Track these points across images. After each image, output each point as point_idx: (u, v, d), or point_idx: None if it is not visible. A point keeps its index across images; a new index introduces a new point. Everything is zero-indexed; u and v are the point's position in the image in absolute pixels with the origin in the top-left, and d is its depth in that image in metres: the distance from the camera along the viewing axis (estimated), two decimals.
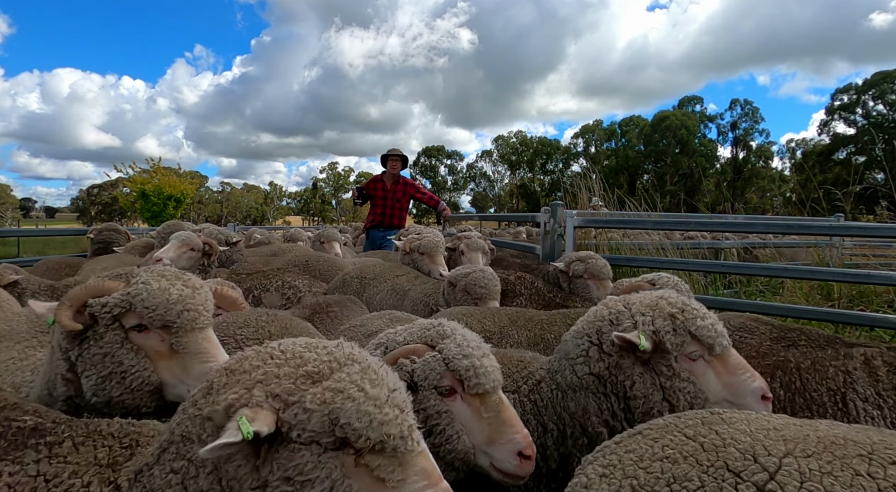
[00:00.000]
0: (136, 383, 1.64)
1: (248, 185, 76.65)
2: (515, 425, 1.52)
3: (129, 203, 21.50)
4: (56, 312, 1.62)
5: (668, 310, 1.76)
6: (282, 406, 1.06)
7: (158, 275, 1.74)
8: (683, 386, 1.69)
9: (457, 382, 1.54)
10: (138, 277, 1.72)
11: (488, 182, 72.38)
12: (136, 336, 1.67)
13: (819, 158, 49.30)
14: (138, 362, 1.65)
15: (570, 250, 5.53)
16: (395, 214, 7.36)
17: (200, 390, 1.16)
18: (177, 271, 1.81)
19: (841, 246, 7.57)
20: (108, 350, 1.64)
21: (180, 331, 1.66)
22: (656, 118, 60.76)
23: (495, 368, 1.58)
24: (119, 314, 1.66)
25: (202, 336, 1.70)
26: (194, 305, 1.70)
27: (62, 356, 1.67)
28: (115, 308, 1.65)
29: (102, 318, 1.65)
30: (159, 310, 1.65)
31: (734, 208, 21.19)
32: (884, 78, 47.13)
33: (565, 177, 51.55)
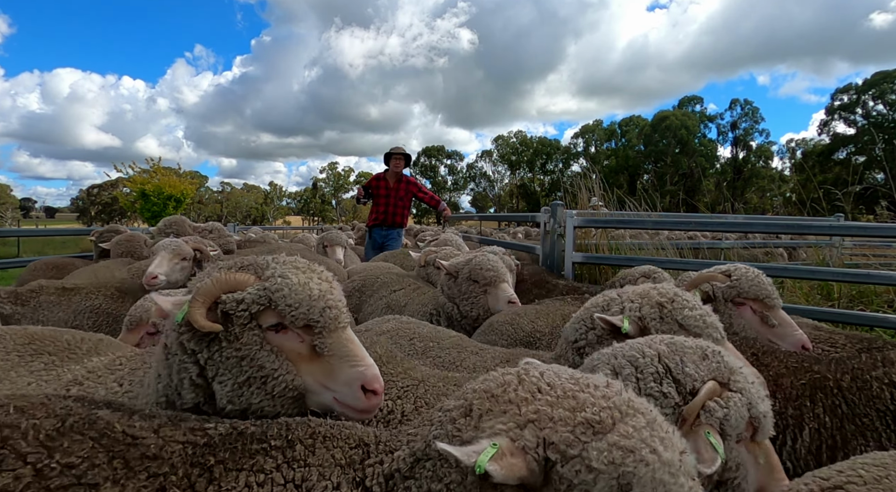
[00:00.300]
0: (280, 388, 1.45)
1: (248, 185, 76.67)
2: (777, 470, 1.36)
3: (129, 203, 21.50)
4: (189, 309, 1.44)
5: (656, 299, 1.87)
6: (558, 458, 0.93)
7: (293, 266, 1.55)
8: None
9: (750, 427, 1.34)
10: (272, 270, 1.52)
11: (488, 182, 72.39)
12: (274, 337, 1.48)
13: (819, 158, 49.30)
14: (281, 366, 1.45)
15: (571, 250, 5.53)
16: (397, 212, 7.36)
17: (457, 407, 1.06)
18: (306, 262, 1.62)
19: (841, 246, 7.57)
20: (246, 352, 1.45)
21: (324, 331, 1.47)
22: (656, 118, 60.75)
23: None
24: (256, 312, 1.46)
25: (345, 337, 1.51)
26: (335, 302, 1.52)
27: (190, 360, 1.48)
28: (253, 305, 1.45)
29: (238, 316, 1.46)
30: (302, 307, 1.45)
31: (734, 208, 21.19)
32: (884, 78, 47.12)
33: (565, 177, 51.55)
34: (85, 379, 1.80)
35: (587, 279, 6.19)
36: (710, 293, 2.71)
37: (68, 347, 1.97)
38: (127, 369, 1.84)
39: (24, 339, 1.96)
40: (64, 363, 1.89)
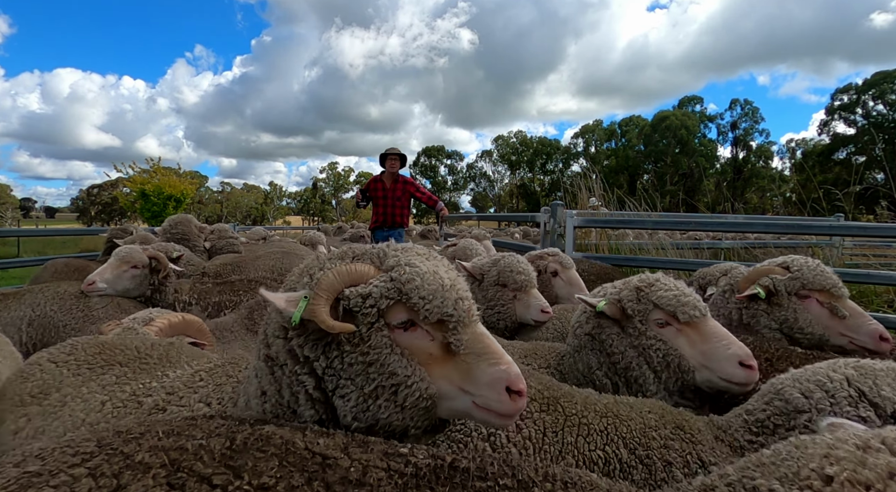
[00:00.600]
0: (413, 398, 1.23)
1: (248, 185, 76.65)
2: None
3: (129, 203, 21.49)
4: (311, 307, 1.21)
5: (636, 284, 2.06)
6: None
7: (416, 253, 1.36)
8: (652, 344, 1.96)
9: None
10: (394, 258, 1.32)
11: (488, 182, 72.39)
12: (402, 336, 1.27)
13: (819, 158, 49.28)
14: (413, 371, 1.24)
15: (571, 250, 5.53)
16: (396, 212, 7.38)
17: None
18: (424, 248, 1.43)
19: (841, 246, 7.57)
20: (375, 357, 1.23)
21: (458, 326, 1.26)
22: (656, 118, 60.75)
23: None
24: (385, 308, 1.25)
25: (479, 331, 1.31)
26: (465, 292, 1.33)
27: (304, 370, 1.27)
28: (382, 300, 1.24)
29: (365, 314, 1.24)
30: (436, 300, 1.24)
31: (734, 208, 21.19)
32: (884, 78, 47.11)
33: (565, 177, 51.55)
34: (167, 404, 1.58)
35: None
36: (772, 288, 2.53)
37: (139, 356, 1.82)
38: (211, 386, 1.62)
39: (94, 349, 1.83)
40: (137, 375, 1.73)
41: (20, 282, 9.53)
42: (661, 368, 1.92)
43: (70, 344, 1.88)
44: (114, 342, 1.89)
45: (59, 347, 1.87)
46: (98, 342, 1.87)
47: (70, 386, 1.67)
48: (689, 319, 1.91)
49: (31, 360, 1.82)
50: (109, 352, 1.81)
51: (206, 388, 1.62)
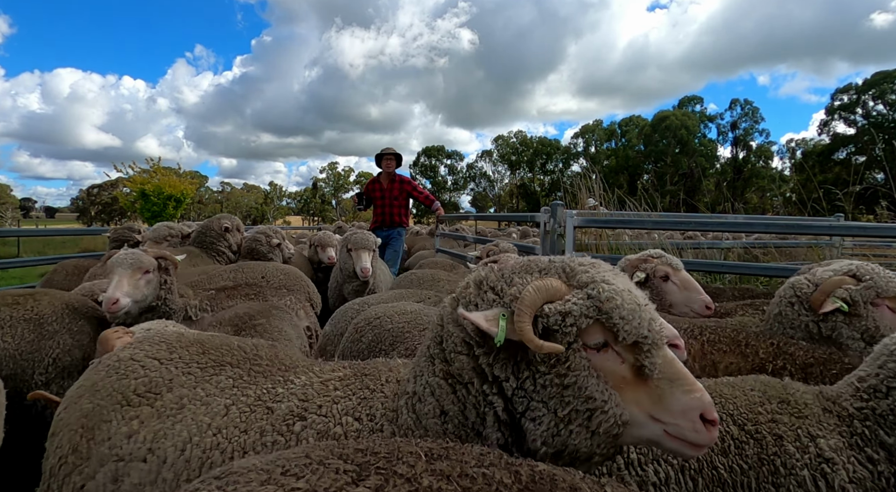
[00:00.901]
0: (606, 424, 1.16)
1: (248, 185, 76.63)
2: None
3: (129, 203, 21.49)
4: (518, 326, 1.15)
5: None
6: None
7: (605, 269, 1.29)
8: None
9: None
10: (585, 273, 1.25)
11: (488, 182, 72.36)
12: (596, 357, 1.21)
13: (819, 158, 49.28)
14: (610, 395, 1.17)
15: (570, 250, 5.53)
16: (394, 212, 7.39)
17: None
18: (608, 264, 1.36)
19: (841, 246, 7.57)
20: (572, 379, 1.17)
21: (653, 348, 1.20)
22: (656, 118, 60.73)
23: None
24: (585, 328, 1.19)
25: (669, 355, 1.24)
26: (655, 312, 1.27)
27: (493, 390, 1.21)
28: (582, 319, 1.18)
29: (565, 333, 1.18)
30: (634, 320, 1.19)
31: (734, 208, 21.17)
32: (884, 78, 47.10)
33: (565, 177, 51.52)
34: (305, 412, 1.47)
35: None
36: (848, 299, 2.45)
37: (247, 357, 1.70)
38: (355, 400, 1.50)
39: (196, 347, 1.72)
40: (254, 379, 1.61)
41: (20, 282, 9.52)
42: None
43: (162, 341, 1.76)
44: (214, 341, 1.79)
45: (150, 343, 1.75)
46: (196, 340, 1.78)
47: (184, 387, 1.56)
48: None
49: (122, 355, 1.69)
50: (215, 351, 1.71)
51: (349, 400, 1.50)
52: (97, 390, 1.60)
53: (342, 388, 1.55)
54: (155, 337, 1.81)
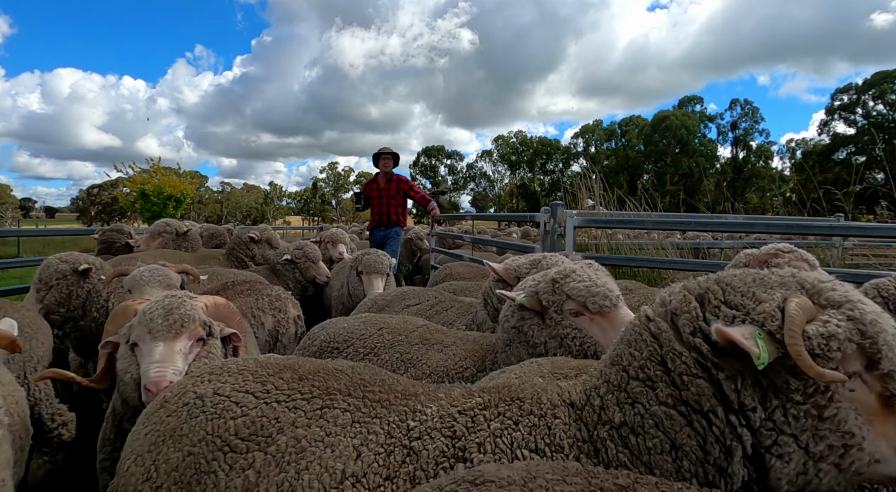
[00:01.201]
0: (859, 463, 1.05)
1: (248, 185, 76.60)
2: None
3: (129, 203, 21.50)
4: (791, 348, 1.02)
5: (552, 276, 2.15)
6: None
7: (851, 287, 1.20)
8: (568, 333, 2.04)
9: None
10: (838, 291, 1.13)
11: (488, 182, 72.37)
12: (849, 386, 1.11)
13: (819, 158, 49.28)
14: (867, 431, 1.06)
15: (571, 250, 5.53)
16: (391, 211, 7.42)
17: None
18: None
19: (841, 246, 7.57)
20: (832, 412, 1.05)
21: None
22: (656, 118, 60.73)
23: None
24: (848, 353, 1.06)
25: None
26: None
27: (741, 421, 1.08)
28: (847, 344, 1.05)
29: (830, 358, 1.05)
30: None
31: (734, 208, 21.19)
32: (884, 78, 47.10)
33: (565, 177, 51.54)
34: (464, 452, 1.23)
35: None
36: None
37: (354, 382, 1.46)
38: (523, 429, 1.27)
39: (289, 374, 1.47)
40: (373, 410, 1.37)
41: (20, 282, 9.51)
42: (580, 355, 1.99)
43: (242, 369, 1.51)
44: (303, 364, 1.54)
45: (229, 373, 1.49)
46: (282, 364, 1.53)
47: (296, 426, 1.32)
48: (601, 310, 2.00)
49: (199, 391, 1.43)
50: (313, 377, 1.46)
51: (515, 431, 1.25)
52: (182, 436, 1.34)
53: (495, 417, 1.30)
54: (228, 366, 1.55)
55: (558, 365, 1.80)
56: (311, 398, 1.39)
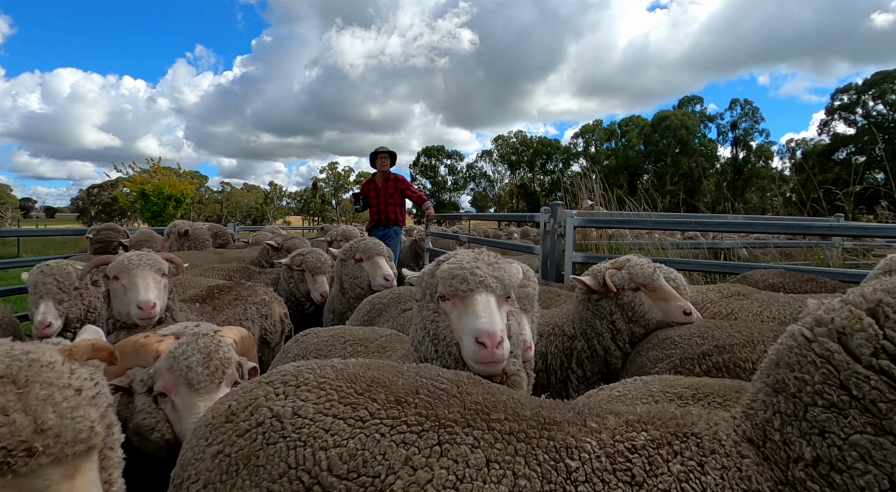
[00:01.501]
0: None
1: (248, 185, 76.59)
2: None
3: (129, 203, 21.50)
4: None
5: (619, 264, 2.91)
6: None
7: None
8: (633, 306, 2.80)
9: None
10: None
11: (488, 182, 72.35)
12: None
13: (819, 158, 49.26)
14: None
15: (571, 250, 5.53)
16: (389, 210, 7.44)
17: None
18: None
19: (841, 246, 7.56)
20: None
21: None
22: (656, 118, 60.72)
23: None
24: None
25: None
26: None
27: None
28: None
29: None
30: None
31: (734, 208, 21.20)
32: (884, 78, 47.09)
33: (565, 177, 51.54)
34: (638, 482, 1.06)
35: None
36: None
37: (465, 402, 1.22)
38: (714, 474, 1.06)
39: (383, 394, 1.23)
40: (510, 445, 1.12)
41: (20, 282, 9.50)
42: (639, 324, 2.83)
43: (321, 382, 1.26)
44: (399, 381, 1.28)
45: (306, 387, 1.25)
46: (375, 380, 1.28)
47: (413, 465, 1.07)
48: (653, 284, 2.79)
49: (278, 409, 1.19)
50: (419, 402, 1.21)
51: (697, 479, 1.05)
52: (259, 467, 1.12)
53: (673, 458, 1.09)
54: (304, 374, 1.30)
55: (669, 384, 1.59)
56: (421, 431, 1.13)
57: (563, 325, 3.05)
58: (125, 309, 2.83)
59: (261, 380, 1.33)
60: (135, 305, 2.75)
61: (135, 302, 2.76)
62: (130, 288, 2.81)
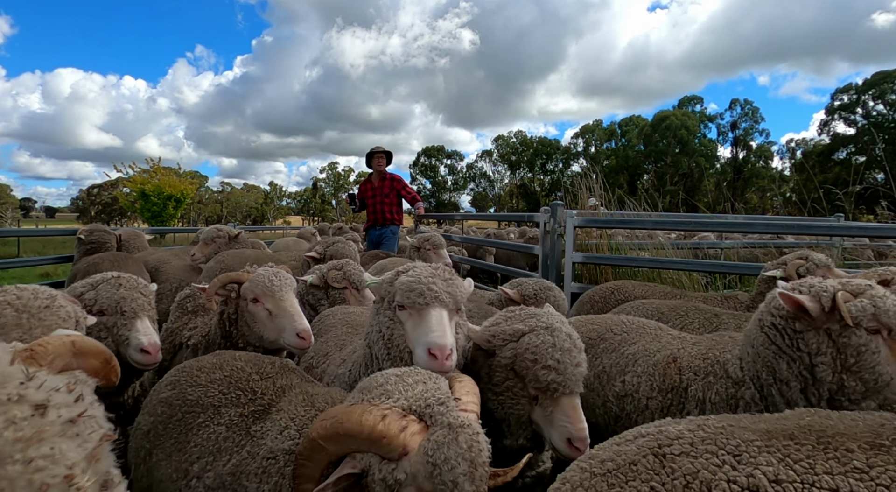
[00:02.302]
0: None
1: (248, 185, 76.66)
2: None
3: (129, 203, 21.51)
4: None
5: (857, 289, 1.93)
6: None
7: None
8: (861, 353, 1.84)
9: None
10: None
11: (488, 182, 72.38)
12: None
13: (819, 158, 49.25)
14: None
15: (571, 250, 5.52)
16: (385, 209, 7.44)
17: None
18: None
19: (841, 246, 7.56)
20: None
21: None
22: (656, 118, 60.73)
23: None
24: None
25: None
26: None
27: None
28: None
29: None
30: None
31: (734, 208, 21.20)
32: (884, 78, 47.09)
33: (565, 177, 51.55)
34: None
35: (587, 279, 6.19)
36: None
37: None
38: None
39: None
40: None
41: (19, 282, 9.49)
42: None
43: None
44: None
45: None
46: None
47: None
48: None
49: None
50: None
51: None
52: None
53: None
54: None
55: None
56: None
57: (725, 362, 2.15)
58: (273, 336, 2.56)
59: None
60: (295, 334, 2.48)
61: (294, 331, 2.49)
62: (281, 314, 2.54)
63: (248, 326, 2.62)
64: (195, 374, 1.94)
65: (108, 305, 2.38)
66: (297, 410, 1.71)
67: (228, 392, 1.83)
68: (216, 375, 1.92)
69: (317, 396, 1.80)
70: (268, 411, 1.76)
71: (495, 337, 1.90)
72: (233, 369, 1.95)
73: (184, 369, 2.02)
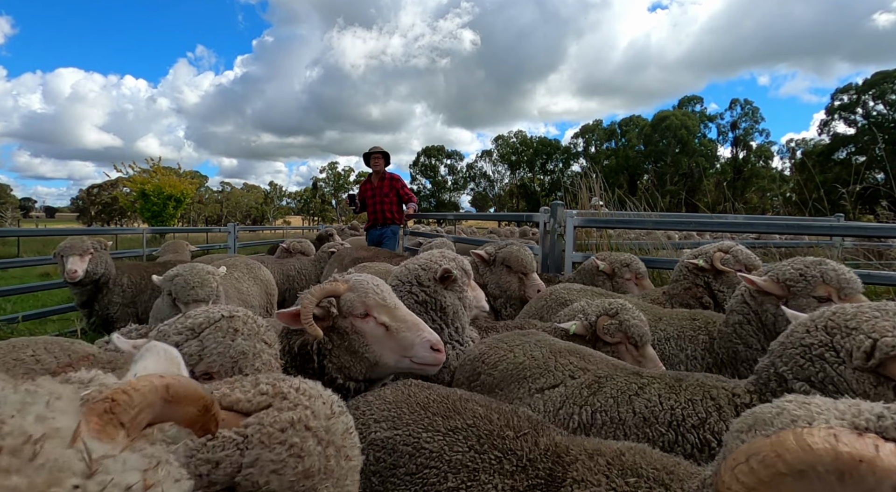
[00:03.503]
0: None
1: (248, 184, 76.67)
2: None
3: (129, 203, 21.52)
4: None
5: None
6: None
7: None
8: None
9: None
10: None
11: (488, 182, 72.36)
12: None
13: (819, 158, 49.23)
14: None
15: (571, 250, 5.52)
16: (385, 209, 7.46)
17: None
18: None
19: (841, 246, 7.55)
20: None
21: None
22: (656, 118, 60.72)
23: None
24: None
25: None
26: None
27: None
28: None
29: None
30: None
31: (734, 208, 21.22)
32: (884, 78, 47.07)
33: (565, 177, 51.54)
34: None
35: None
36: None
37: None
38: None
39: None
40: None
41: (20, 282, 9.50)
42: None
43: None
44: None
45: None
46: None
47: None
48: None
49: None
50: None
51: None
52: None
53: None
54: None
55: None
56: None
57: (705, 347, 2.62)
58: (394, 357, 2.00)
59: None
60: (428, 346, 1.98)
61: (427, 343, 1.99)
62: (402, 326, 2.01)
63: (354, 352, 1.99)
64: (419, 412, 1.46)
65: (221, 363, 1.53)
66: (620, 486, 1.15)
67: (484, 451, 1.31)
68: (455, 422, 1.40)
69: (621, 453, 1.25)
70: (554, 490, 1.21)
71: None
72: (475, 417, 1.41)
73: (393, 405, 1.57)
